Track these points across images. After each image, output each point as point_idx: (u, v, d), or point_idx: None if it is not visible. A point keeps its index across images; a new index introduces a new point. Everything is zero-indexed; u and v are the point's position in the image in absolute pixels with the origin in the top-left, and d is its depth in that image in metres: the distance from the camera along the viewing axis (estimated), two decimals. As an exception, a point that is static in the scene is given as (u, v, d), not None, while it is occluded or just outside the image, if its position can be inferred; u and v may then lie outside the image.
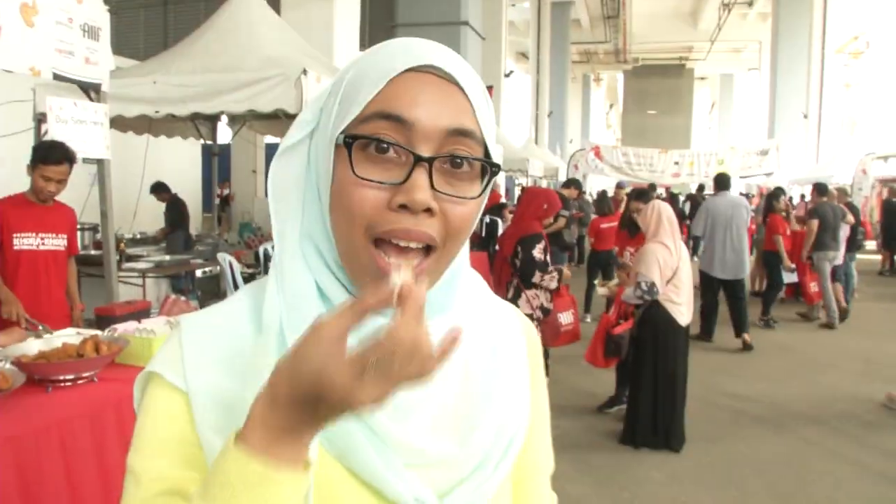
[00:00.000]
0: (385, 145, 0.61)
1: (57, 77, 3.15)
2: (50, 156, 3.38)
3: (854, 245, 10.15)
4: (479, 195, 0.66)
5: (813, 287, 8.77)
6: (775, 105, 23.44)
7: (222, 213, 16.32)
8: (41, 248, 3.54)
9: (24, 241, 3.50)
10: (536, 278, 4.60)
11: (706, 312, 7.70)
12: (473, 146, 0.64)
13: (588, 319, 8.23)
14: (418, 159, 0.61)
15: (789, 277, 8.54)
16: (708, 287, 7.63)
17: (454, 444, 0.69)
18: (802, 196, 18.04)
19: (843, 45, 29.22)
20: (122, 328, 2.68)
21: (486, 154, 0.66)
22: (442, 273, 0.68)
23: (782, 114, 22.94)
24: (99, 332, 2.58)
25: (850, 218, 8.93)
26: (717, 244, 7.40)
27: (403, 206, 0.61)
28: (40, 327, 3.00)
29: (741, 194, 10.53)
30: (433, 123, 0.62)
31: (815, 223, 8.57)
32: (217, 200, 10.18)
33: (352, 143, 0.62)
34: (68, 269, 3.81)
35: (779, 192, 9.48)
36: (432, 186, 0.61)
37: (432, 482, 0.66)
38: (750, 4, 27.38)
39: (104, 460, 2.24)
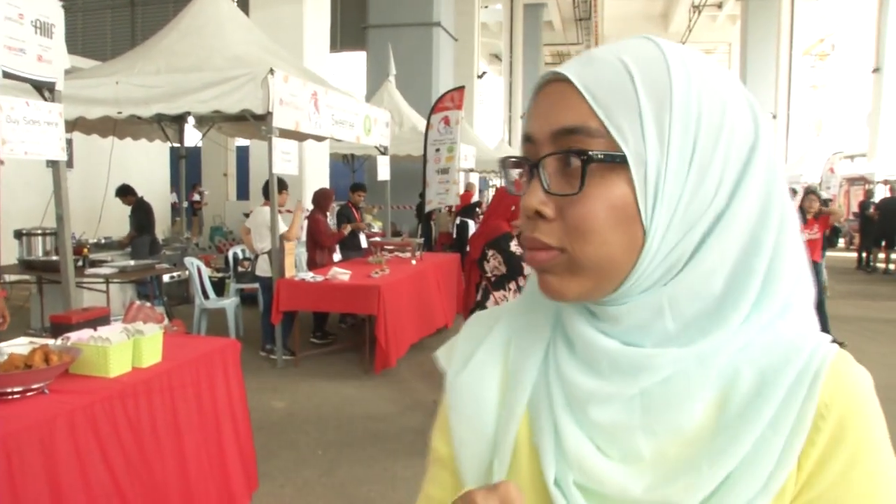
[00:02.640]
0: (515, 163, 0.66)
1: (7, 75, 3.01)
2: None
3: (828, 243, 10.16)
4: (579, 189, 0.59)
5: None
6: (745, 106, 23.71)
7: (194, 217, 16.12)
8: None
9: None
10: (522, 281, 4.51)
11: None
12: (587, 140, 0.59)
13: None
14: (532, 166, 0.62)
15: None
16: None
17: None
18: None
19: (809, 47, 29.73)
20: (75, 336, 2.56)
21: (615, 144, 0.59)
22: (611, 283, 0.60)
23: (752, 114, 23.19)
24: (50, 342, 2.46)
25: None
26: None
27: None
28: None
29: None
30: (540, 130, 0.62)
31: None
32: (185, 204, 9.98)
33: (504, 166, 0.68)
34: None
35: (808, 191, 8.27)
36: (546, 190, 0.61)
37: None
38: (719, 6, 27.70)
39: (55, 477, 2.13)
